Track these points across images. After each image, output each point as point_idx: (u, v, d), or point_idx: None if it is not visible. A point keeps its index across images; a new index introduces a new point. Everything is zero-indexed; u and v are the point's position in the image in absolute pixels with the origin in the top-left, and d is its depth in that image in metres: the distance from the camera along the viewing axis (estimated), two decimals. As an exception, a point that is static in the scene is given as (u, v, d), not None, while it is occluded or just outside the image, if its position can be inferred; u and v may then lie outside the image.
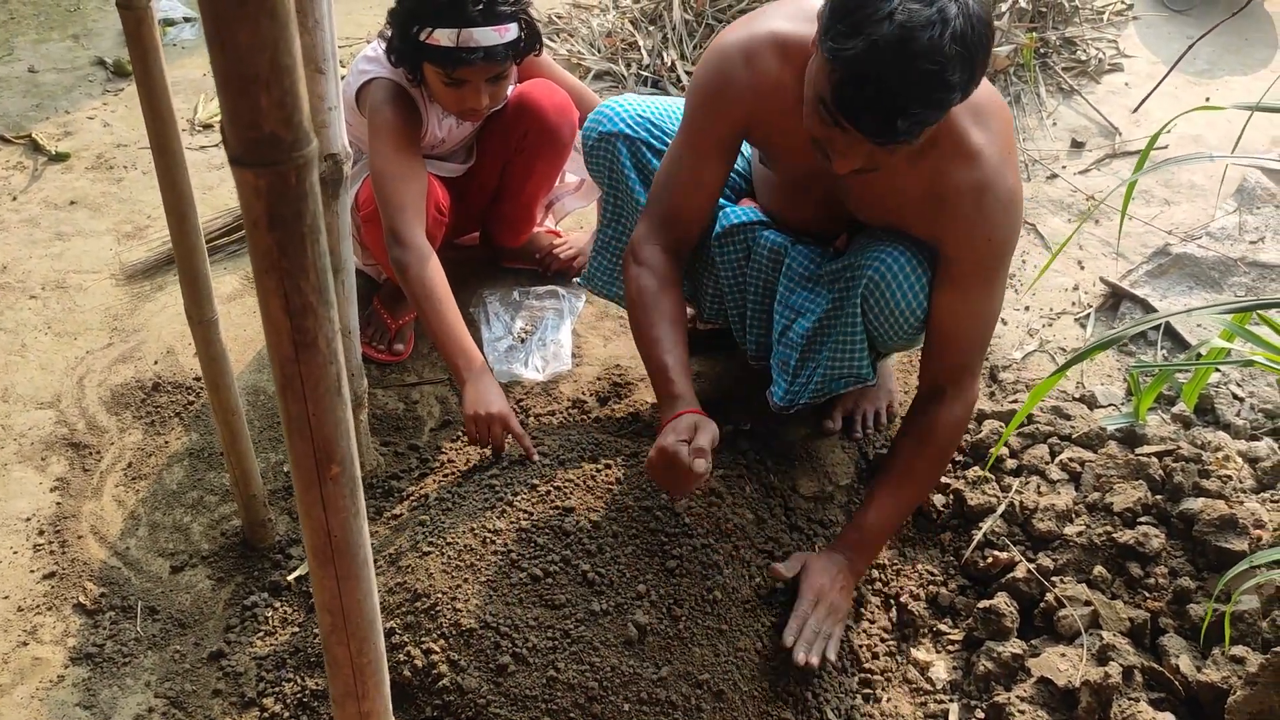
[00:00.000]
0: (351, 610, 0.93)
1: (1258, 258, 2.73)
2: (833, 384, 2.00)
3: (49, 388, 2.34)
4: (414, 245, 2.08)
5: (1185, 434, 2.18)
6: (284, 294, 0.73)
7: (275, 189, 0.68)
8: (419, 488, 2.11)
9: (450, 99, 2.17)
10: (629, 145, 2.05)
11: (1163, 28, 3.84)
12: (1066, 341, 2.55)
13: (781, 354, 2.03)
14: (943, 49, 1.46)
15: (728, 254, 2.08)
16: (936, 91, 1.50)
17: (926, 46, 1.45)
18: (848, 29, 1.48)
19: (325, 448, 0.82)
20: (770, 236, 2.03)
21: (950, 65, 1.47)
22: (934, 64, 1.46)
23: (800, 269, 2.00)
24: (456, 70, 2.09)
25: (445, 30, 2.04)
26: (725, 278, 2.11)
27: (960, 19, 1.47)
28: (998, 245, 1.79)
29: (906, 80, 1.47)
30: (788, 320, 2.01)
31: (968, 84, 1.53)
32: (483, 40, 2.05)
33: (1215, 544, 1.85)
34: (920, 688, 1.83)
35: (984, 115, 1.75)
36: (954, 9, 1.47)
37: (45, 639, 1.87)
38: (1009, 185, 1.75)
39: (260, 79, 0.64)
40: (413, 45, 2.08)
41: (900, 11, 1.45)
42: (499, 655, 1.68)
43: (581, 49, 3.55)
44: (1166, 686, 1.72)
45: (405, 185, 2.11)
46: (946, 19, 1.46)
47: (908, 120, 1.51)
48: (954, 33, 1.46)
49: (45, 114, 3.22)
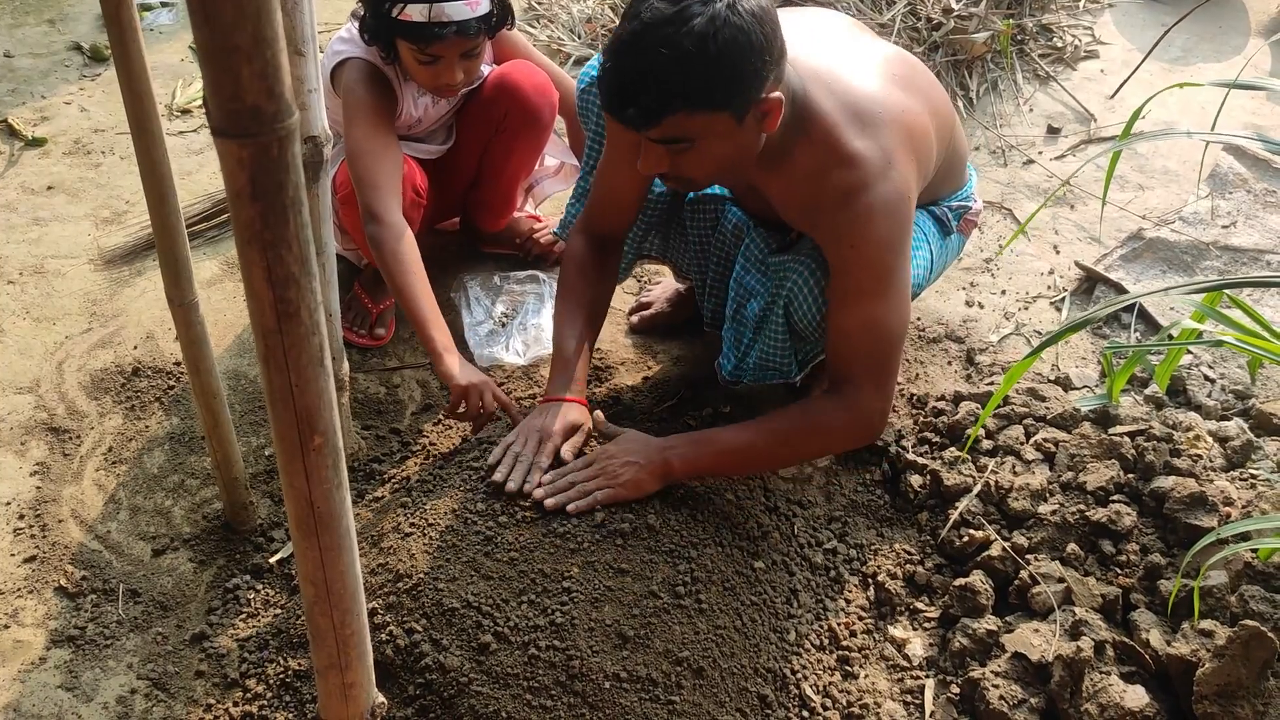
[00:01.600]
0: (334, 582, 0.94)
1: (1229, 242, 2.77)
2: (764, 373, 2.07)
3: (28, 373, 2.33)
4: (388, 222, 2.08)
5: (1157, 414, 2.21)
6: (266, 265, 0.74)
7: (257, 160, 0.69)
8: (400, 470, 2.12)
9: (425, 75, 2.18)
10: None
11: (1138, 15, 3.87)
12: (1042, 325, 2.58)
13: (735, 330, 2.08)
14: (676, 44, 1.56)
15: (697, 220, 2.16)
16: (662, 83, 1.59)
17: (655, 40, 1.56)
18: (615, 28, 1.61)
19: (308, 418, 0.83)
20: (736, 213, 2.10)
21: (681, 61, 1.56)
22: (660, 58, 1.57)
23: (756, 251, 2.04)
24: (430, 46, 2.09)
25: (417, 5, 2.04)
26: (693, 240, 2.19)
27: (702, 20, 1.55)
28: (871, 253, 1.75)
29: (634, 70, 1.60)
30: (741, 299, 2.05)
31: (714, 82, 1.59)
32: (454, 14, 2.06)
33: (1185, 521, 1.88)
34: (897, 664, 1.86)
35: (872, 124, 1.75)
36: (697, 10, 1.56)
37: (27, 622, 1.88)
38: (885, 192, 1.73)
39: (242, 51, 0.65)
40: (385, 22, 2.09)
41: (647, 10, 1.58)
42: (480, 634, 1.69)
43: (561, 35, 3.55)
44: (1137, 660, 1.75)
45: (379, 163, 2.12)
46: (685, 18, 1.56)
47: (637, 108, 1.61)
48: (690, 31, 1.55)
49: (21, 99, 3.19)
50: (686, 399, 2.28)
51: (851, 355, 1.83)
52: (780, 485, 2.10)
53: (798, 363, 2.05)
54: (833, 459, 2.19)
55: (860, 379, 1.83)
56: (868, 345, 1.82)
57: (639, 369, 2.40)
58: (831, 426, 1.86)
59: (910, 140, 1.80)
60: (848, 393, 1.84)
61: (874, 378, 1.83)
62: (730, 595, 1.81)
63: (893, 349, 1.83)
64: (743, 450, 1.87)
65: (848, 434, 1.89)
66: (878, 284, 1.79)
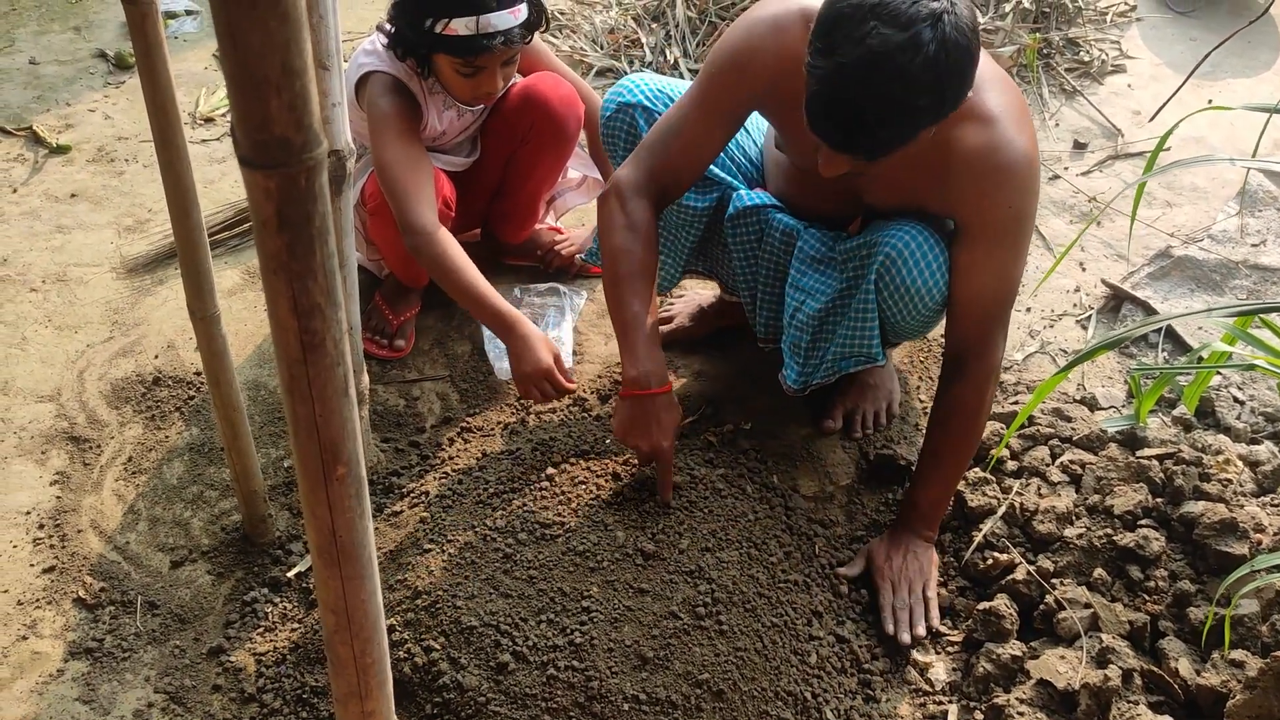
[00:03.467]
0: (355, 611, 0.93)
1: (1259, 261, 2.73)
2: (843, 363, 2.01)
3: (49, 381, 2.34)
4: (425, 229, 2.10)
5: (1186, 437, 2.18)
6: (292, 295, 0.73)
7: (285, 191, 0.68)
8: (419, 484, 2.11)
9: (465, 87, 2.17)
10: (646, 116, 2.04)
11: (1165, 29, 3.83)
12: (1068, 343, 2.55)
13: (793, 336, 2.03)
14: (909, 74, 1.47)
15: (740, 235, 2.09)
16: (900, 116, 1.52)
17: (893, 72, 1.47)
18: (824, 47, 1.52)
19: (332, 449, 0.82)
20: (783, 219, 2.04)
21: (917, 92, 1.49)
22: (901, 91, 1.49)
23: (812, 251, 2.01)
24: (477, 58, 2.09)
25: (462, 19, 2.04)
26: (738, 258, 2.12)
27: (934, 44, 1.47)
28: (1014, 207, 1.77)
29: (871, 105, 1.51)
30: (799, 302, 2.02)
31: (939, 107, 1.55)
32: (499, 24, 2.06)
33: (1215, 547, 1.85)
34: (920, 689, 1.84)
35: (994, 86, 1.75)
36: (929, 34, 1.47)
37: (45, 633, 1.87)
38: (1023, 148, 1.73)
39: (271, 82, 0.64)
40: (427, 37, 2.08)
41: (873, 35, 1.47)
42: (499, 653, 1.68)
43: (584, 45, 3.55)
44: (1166, 690, 1.72)
45: (411, 175, 2.12)
46: (919, 44, 1.46)
47: (871, 140, 1.55)
48: (926, 58, 1.47)
49: (46, 106, 3.21)
50: (708, 415, 2.26)
51: (989, 310, 1.86)
52: (801, 504, 2.08)
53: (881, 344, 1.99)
54: (854, 478, 2.17)
55: (995, 333, 1.87)
56: (1002, 299, 1.86)
57: (660, 384, 2.38)
58: (982, 390, 1.89)
59: (1023, 104, 1.79)
60: (984, 350, 1.87)
61: (1002, 326, 1.89)
62: (751, 616, 1.79)
63: (1015, 295, 1.88)
64: (953, 483, 1.99)
65: (989, 387, 1.92)
66: (1015, 237, 1.80)
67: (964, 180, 1.75)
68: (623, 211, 1.87)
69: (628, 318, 1.84)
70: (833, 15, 1.52)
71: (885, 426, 2.28)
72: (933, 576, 1.95)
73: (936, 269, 1.84)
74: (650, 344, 1.84)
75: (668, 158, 1.89)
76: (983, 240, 1.80)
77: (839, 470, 2.17)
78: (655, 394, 1.83)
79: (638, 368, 1.83)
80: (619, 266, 1.86)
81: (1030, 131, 1.76)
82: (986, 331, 1.87)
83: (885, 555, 1.96)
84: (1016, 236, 1.80)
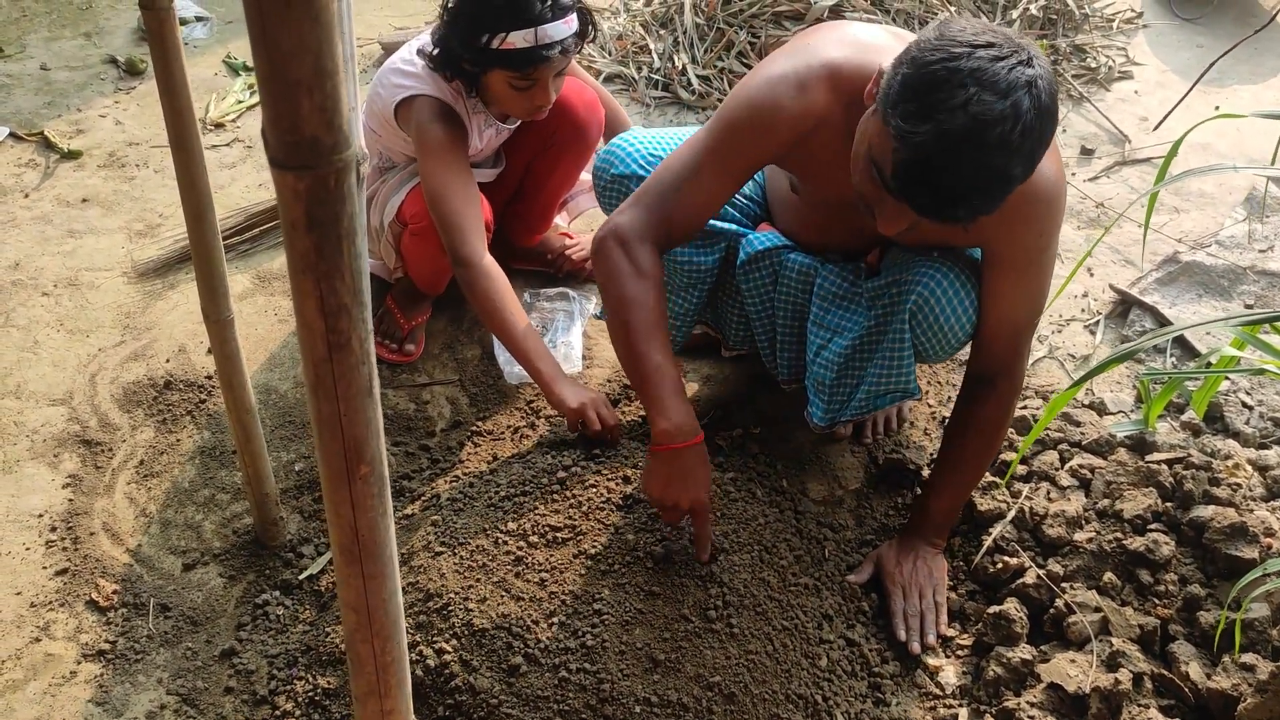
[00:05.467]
0: (376, 609, 0.93)
1: (1267, 266, 2.74)
2: (878, 400, 2.00)
3: (61, 385, 2.35)
4: (477, 264, 2.10)
5: (1195, 441, 2.19)
6: (319, 295, 0.74)
7: (314, 192, 0.69)
8: (430, 488, 2.12)
9: (519, 101, 2.18)
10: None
11: (1172, 36, 3.85)
12: (1076, 348, 2.56)
13: (817, 373, 2.01)
14: (1010, 143, 1.43)
15: (754, 281, 2.06)
16: (999, 185, 1.48)
17: (996, 141, 1.42)
18: (918, 111, 1.45)
19: (355, 447, 0.82)
20: (798, 258, 2.01)
21: (1016, 159, 1.45)
22: (1002, 160, 1.44)
23: (833, 288, 1.99)
24: (535, 70, 2.10)
25: (520, 33, 2.04)
26: (752, 305, 2.09)
27: (1031, 112, 1.43)
28: (1043, 235, 1.77)
29: (971, 173, 1.45)
30: (824, 340, 2.00)
31: (1028, 173, 1.51)
32: (556, 35, 2.07)
33: (1225, 551, 1.85)
34: (930, 692, 1.84)
35: None
36: (1026, 103, 1.42)
37: (58, 635, 1.88)
38: (1048, 176, 1.71)
39: (303, 83, 0.64)
40: (483, 54, 2.08)
41: (975, 103, 1.41)
42: (511, 655, 1.68)
43: (593, 52, 3.56)
44: (1176, 693, 1.72)
45: (464, 206, 2.12)
46: (1019, 114, 1.42)
47: (967, 209, 1.49)
48: (1024, 126, 1.43)
49: (57, 112, 3.22)
50: (716, 419, 2.27)
51: (1020, 331, 1.87)
52: (811, 508, 2.08)
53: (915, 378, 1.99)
54: (863, 482, 2.17)
55: (1025, 350, 1.90)
56: (1033, 317, 1.87)
57: (669, 388, 2.39)
58: (1007, 404, 1.92)
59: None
60: (1014, 368, 1.89)
61: (1029, 342, 1.91)
62: (761, 620, 1.80)
63: (1041, 314, 1.89)
64: (966, 494, 2.01)
65: (1014, 402, 1.93)
66: (1044, 259, 1.80)
67: (996, 216, 1.68)
68: (628, 258, 1.77)
69: (649, 370, 1.73)
70: (926, 77, 1.45)
71: (895, 431, 2.29)
72: (943, 582, 1.95)
73: (969, 304, 1.86)
74: (678, 395, 1.74)
75: (676, 207, 1.79)
76: (1011, 269, 1.80)
77: (848, 474, 2.18)
78: (689, 447, 1.73)
79: (669, 420, 1.72)
80: (632, 317, 1.75)
81: (1055, 153, 1.73)
82: (1015, 352, 1.89)
83: (895, 561, 1.97)
84: (1044, 262, 1.80)
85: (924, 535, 1.98)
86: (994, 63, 1.43)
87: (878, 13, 3.42)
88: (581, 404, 2.02)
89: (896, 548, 1.98)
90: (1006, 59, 1.44)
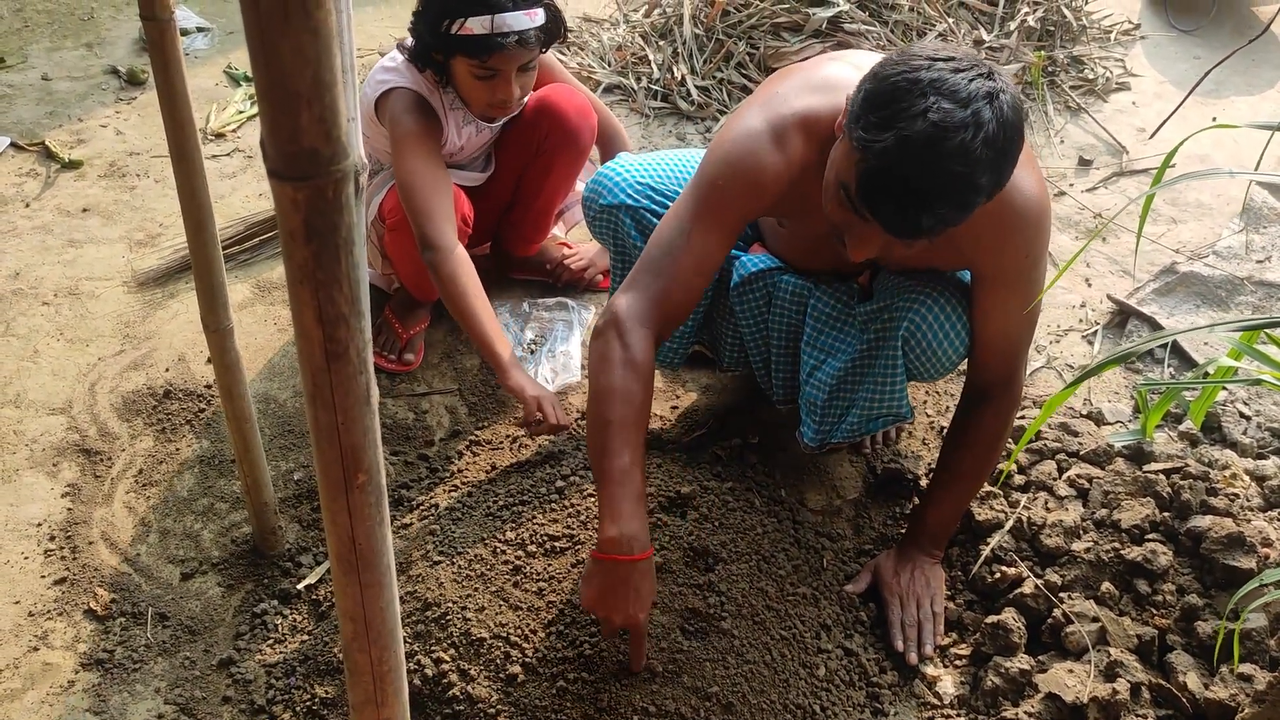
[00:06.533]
0: (374, 618, 0.94)
1: (1264, 277, 2.75)
2: (870, 424, 2.01)
3: (61, 394, 2.35)
4: (443, 246, 2.13)
5: (1192, 451, 2.19)
6: (318, 305, 0.74)
7: (313, 202, 0.69)
8: (429, 497, 2.12)
9: (481, 93, 2.19)
10: (633, 215, 2.02)
11: (1169, 47, 3.86)
12: (1074, 358, 2.56)
13: (809, 394, 2.02)
14: (973, 152, 1.44)
15: (748, 303, 2.06)
16: (963, 194, 1.47)
17: (957, 148, 1.43)
18: (880, 121, 1.46)
19: (353, 456, 0.83)
20: (791, 280, 2.02)
21: (979, 169, 1.45)
22: (963, 166, 1.44)
23: (827, 310, 2.00)
24: (490, 58, 2.11)
25: (478, 18, 2.06)
26: (746, 327, 2.10)
27: (993, 123, 1.44)
28: (1029, 254, 1.77)
29: (934, 180, 1.45)
30: (817, 361, 2.01)
31: (994, 187, 1.51)
32: (514, 24, 2.08)
33: (1223, 561, 1.86)
34: (928, 702, 1.84)
35: None
36: (988, 113, 1.44)
37: (56, 644, 1.88)
38: (1031, 193, 1.72)
39: (302, 95, 0.65)
40: (445, 40, 2.10)
41: (935, 110, 1.43)
42: (509, 665, 1.68)
43: (592, 62, 3.57)
44: (1174, 703, 1.72)
45: (432, 191, 2.14)
46: (980, 122, 1.43)
47: (932, 218, 1.49)
48: (986, 136, 1.44)
49: (58, 122, 3.23)
50: (714, 429, 2.28)
51: (1014, 348, 1.88)
52: (809, 518, 2.09)
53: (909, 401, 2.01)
54: (861, 492, 2.18)
55: (1020, 365, 1.90)
56: (1027, 334, 1.88)
57: (667, 398, 2.40)
58: (1005, 417, 1.92)
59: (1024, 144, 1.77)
60: (1011, 383, 1.90)
61: (1025, 355, 1.92)
62: (759, 629, 1.80)
63: (1034, 326, 1.91)
64: (964, 506, 2.01)
65: (1012, 415, 1.94)
66: (1032, 276, 1.80)
67: (977, 236, 1.72)
68: (622, 345, 1.67)
69: (613, 470, 1.60)
70: (887, 89, 1.47)
71: (894, 441, 2.29)
72: (940, 592, 1.95)
73: (960, 328, 1.87)
74: (636, 503, 1.60)
75: (671, 280, 1.71)
76: (1000, 287, 1.81)
77: (846, 484, 2.18)
78: (635, 560, 1.58)
79: (619, 528, 1.58)
80: (612, 409, 1.64)
81: (1035, 172, 1.75)
82: (1010, 367, 1.89)
83: (893, 571, 1.97)
84: (1033, 279, 1.80)
85: (922, 545, 1.99)
86: (954, 74, 1.46)
87: (875, 25, 3.43)
88: (538, 395, 2.10)
89: (894, 557, 1.98)
90: (966, 71, 1.47)
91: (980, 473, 1.96)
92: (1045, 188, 1.77)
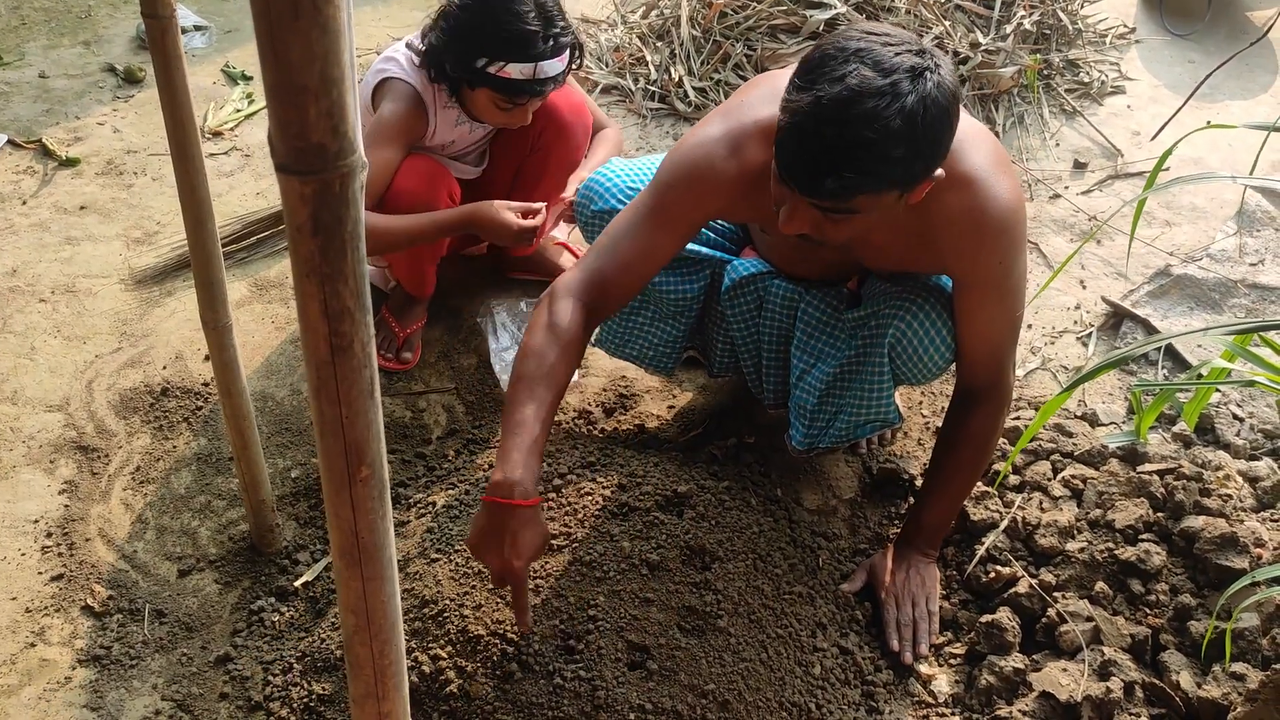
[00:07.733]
0: (375, 612, 0.94)
1: (1258, 280, 2.76)
2: (858, 430, 2.03)
3: (58, 391, 2.35)
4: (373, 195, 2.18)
5: (1186, 453, 2.20)
6: (323, 298, 0.75)
7: (320, 196, 0.70)
8: (426, 495, 2.13)
9: (498, 118, 2.25)
10: None
11: (1164, 51, 3.88)
12: (1069, 360, 2.57)
13: (799, 398, 2.04)
14: (884, 119, 1.46)
15: (739, 307, 2.08)
16: (873, 161, 1.49)
17: (869, 113, 1.46)
18: (801, 84, 1.52)
19: (356, 449, 0.83)
20: (781, 285, 2.04)
21: (892, 140, 1.47)
22: (873, 133, 1.46)
23: (817, 314, 2.02)
24: (521, 98, 2.17)
25: (519, 65, 2.11)
26: (738, 330, 2.11)
27: (913, 97, 1.46)
28: (1003, 262, 1.79)
29: (841, 141, 1.48)
30: (806, 365, 2.02)
31: (910, 163, 1.52)
32: (550, 71, 2.15)
33: (1216, 561, 1.87)
34: (923, 701, 1.85)
35: (967, 142, 1.72)
36: (908, 86, 1.46)
37: (53, 640, 1.88)
38: (1002, 200, 1.72)
39: (310, 90, 0.66)
40: (476, 74, 2.14)
41: (853, 76, 1.47)
42: (505, 662, 1.69)
43: (590, 64, 3.58)
44: (1167, 702, 1.73)
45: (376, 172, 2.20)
46: (898, 93, 1.46)
47: (837, 181, 1.51)
48: (903, 108, 1.46)
49: (56, 119, 3.23)
50: (711, 429, 2.28)
51: (998, 351, 1.89)
52: (805, 517, 2.09)
53: (897, 406, 2.03)
54: (857, 492, 2.18)
55: (1007, 366, 1.91)
56: (1010, 337, 1.89)
57: (663, 397, 2.40)
58: (995, 418, 1.93)
59: (998, 150, 1.79)
60: (998, 384, 1.91)
61: (1011, 358, 1.93)
62: (755, 627, 1.81)
63: (1019, 327, 1.91)
64: (958, 504, 2.03)
65: (1001, 415, 1.95)
66: (1010, 281, 1.81)
67: (950, 244, 1.75)
68: (549, 312, 1.75)
69: (514, 420, 1.64)
70: (817, 56, 1.52)
71: (889, 441, 2.30)
72: (935, 591, 1.96)
73: (945, 333, 1.88)
74: (529, 453, 1.62)
75: (610, 264, 1.79)
76: (978, 291, 1.82)
77: (842, 484, 2.19)
78: (517, 506, 1.58)
79: (505, 473, 1.59)
80: (525, 366, 1.70)
81: (1011, 179, 1.75)
82: (997, 368, 1.91)
83: (888, 570, 1.98)
84: (1011, 283, 1.81)
85: (917, 545, 2.00)
86: (883, 47, 1.49)
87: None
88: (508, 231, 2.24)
89: (889, 557, 1.99)
90: (896, 46, 1.50)
91: (972, 473, 1.97)
92: (1021, 194, 1.79)
